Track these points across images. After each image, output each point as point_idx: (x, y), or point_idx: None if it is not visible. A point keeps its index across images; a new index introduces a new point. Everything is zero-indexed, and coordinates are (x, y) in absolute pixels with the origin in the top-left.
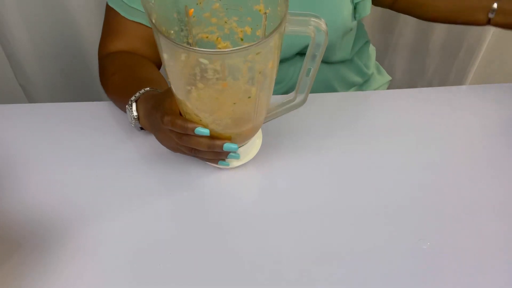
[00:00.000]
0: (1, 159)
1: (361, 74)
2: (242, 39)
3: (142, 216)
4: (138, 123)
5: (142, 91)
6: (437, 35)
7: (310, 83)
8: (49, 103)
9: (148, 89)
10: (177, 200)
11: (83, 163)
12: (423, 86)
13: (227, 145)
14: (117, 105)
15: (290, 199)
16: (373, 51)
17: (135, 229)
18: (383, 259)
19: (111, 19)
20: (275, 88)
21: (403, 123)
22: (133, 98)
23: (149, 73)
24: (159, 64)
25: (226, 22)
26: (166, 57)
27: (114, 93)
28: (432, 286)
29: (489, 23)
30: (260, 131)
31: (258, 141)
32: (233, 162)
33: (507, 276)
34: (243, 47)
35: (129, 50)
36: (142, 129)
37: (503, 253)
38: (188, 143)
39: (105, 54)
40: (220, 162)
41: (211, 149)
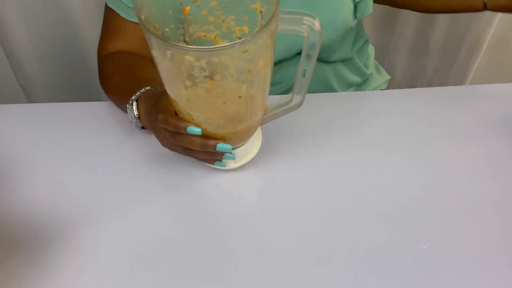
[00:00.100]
0: (1, 159)
1: (360, 73)
2: (240, 38)
3: (142, 216)
4: (139, 122)
5: (143, 90)
6: (437, 35)
7: (306, 85)
8: (49, 103)
9: (149, 88)
10: (177, 200)
11: (83, 163)
12: (423, 86)
13: (221, 145)
14: (117, 105)
15: (290, 199)
16: (372, 51)
17: (135, 229)
18: (383, 259)
19: (110, 19)
20: (275, 88)
21: (402, 123)
22: (133, 97)
23: (149, 72)
24: None
25: (223, 20)
26: (154, 54)
27: (114, 93)
28: (432, 286)
29: (485, 8)
30: (260, 132)
31: (258, 142)
32: (232, 163)
33: (507, 276)
34: (226, 45)
35: (128, 50)
36: (143, 128)
37: (503, 253)
38: (181, 142)
39: (104, 55)
40: (216, 162)
41: (204, 148)
